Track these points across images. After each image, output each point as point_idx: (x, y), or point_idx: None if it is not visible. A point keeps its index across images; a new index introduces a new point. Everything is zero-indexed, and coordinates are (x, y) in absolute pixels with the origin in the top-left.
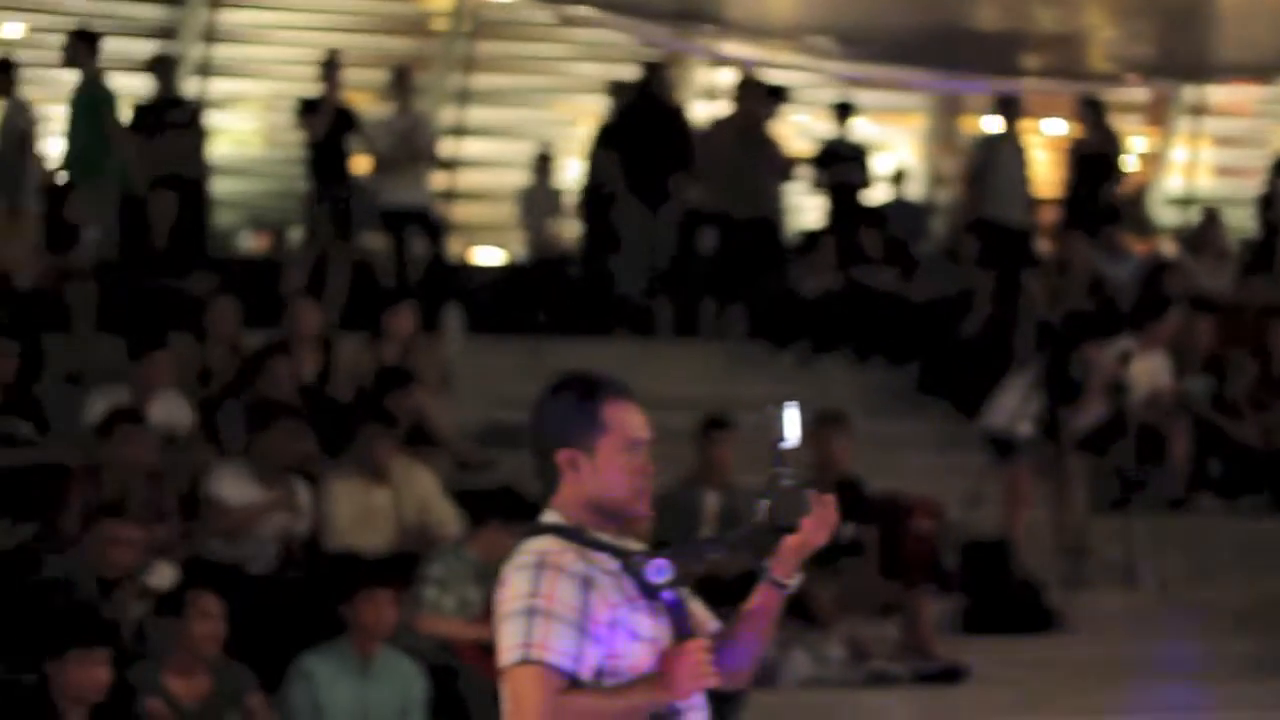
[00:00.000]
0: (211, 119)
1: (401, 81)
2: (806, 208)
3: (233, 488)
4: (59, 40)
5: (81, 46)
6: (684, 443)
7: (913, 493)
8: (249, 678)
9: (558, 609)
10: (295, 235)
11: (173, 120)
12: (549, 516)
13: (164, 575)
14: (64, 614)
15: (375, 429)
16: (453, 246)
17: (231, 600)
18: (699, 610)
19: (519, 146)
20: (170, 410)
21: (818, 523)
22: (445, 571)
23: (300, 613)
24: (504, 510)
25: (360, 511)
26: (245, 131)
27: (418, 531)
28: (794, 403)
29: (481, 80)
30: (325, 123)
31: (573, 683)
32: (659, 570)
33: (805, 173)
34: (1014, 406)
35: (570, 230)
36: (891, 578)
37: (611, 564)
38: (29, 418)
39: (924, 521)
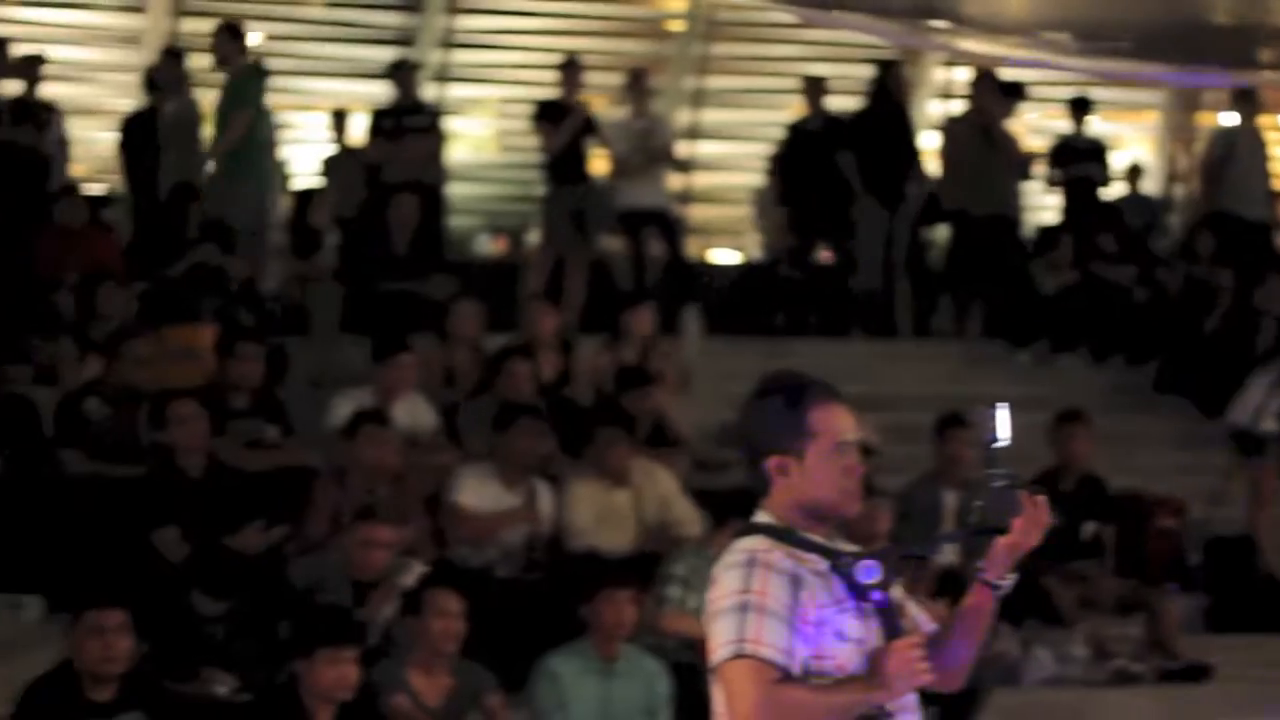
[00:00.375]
0: (449, 124)
1: (638, 84)
2: (1043, 205)
3: (475, 492)
4: (298, 49)
5: (230, 42)
6: (922, 442)
7: (1153, 491)
8: (488, 678)
9: (770, 604)
10: (533, 239)
11: (412, 126)
12: (760, 517)
13: (414, 573)
14: (314, 614)
15: (615, 431)
16: (690, 248)
17: (476, 602)
18: (914, 611)
19: (754, 148)
20: (414, 413)
21: (1029, 524)
22: (688, 570)
23: (542, 614)
24: (745, 510)
25: (601, 512)
26: (482, 136)
27: (658, 531)
28: (1004, 404)
29: (716, 82)
30: (569, 132)
31: (785, 676)
32: (868, 571)
33: (1042, 170)
34: (1258, 403)
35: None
36: (1133, 576)
37: (820, 564)
38: (274, 421)
39: (1167, 519)
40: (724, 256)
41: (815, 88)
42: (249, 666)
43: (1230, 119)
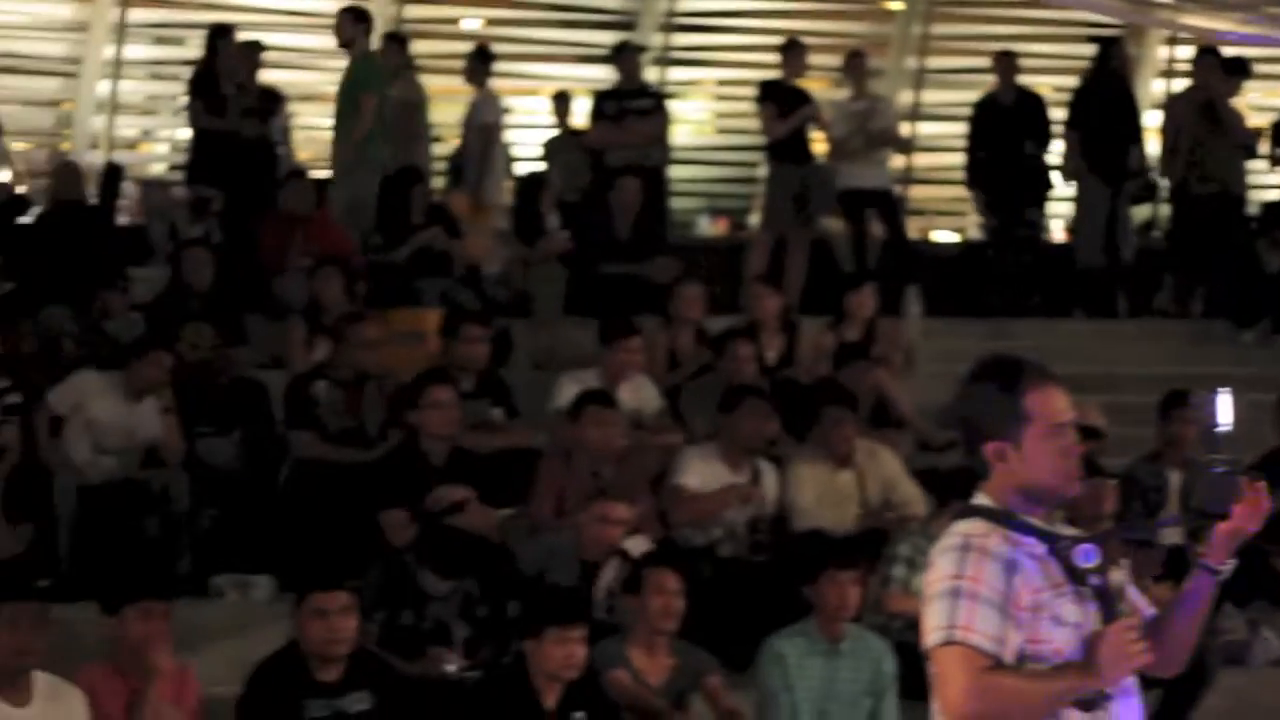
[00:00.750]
0: (670, 106)
1: (858, 65)
2: (1268, 183)
3: (699, 473)
4: (520, 33)
5: (353, 24)
6: (1144, 423)
7: None
8: (709, 660)
9: (982, 591)
10: (754, 220)
11: (636, 108)
12: (979, 499)
13: (639, 544)
14: (542, 593)
15: (840, 411)
16: (911, 228)
17: (699, 583)
18: (1134, 595)
19: None
20: (639, 394)
21: (1250, 509)
22: (912, 551)
23: (766, 594)
24: (967, 491)
25: (825, 493)
26: (702, 118)
27: (881, 512)
28: (1227, 388)
29: (936, 62)
30: (800, 120)
31: (996, 664)
32: (1086, 555)
33: (1266, 147)
34: None
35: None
36: None
37: (1039, 548)
38: (499, 403)
39: None
40: (945, 236)
41: (1007, 63)
42: (477, 646)
43: None
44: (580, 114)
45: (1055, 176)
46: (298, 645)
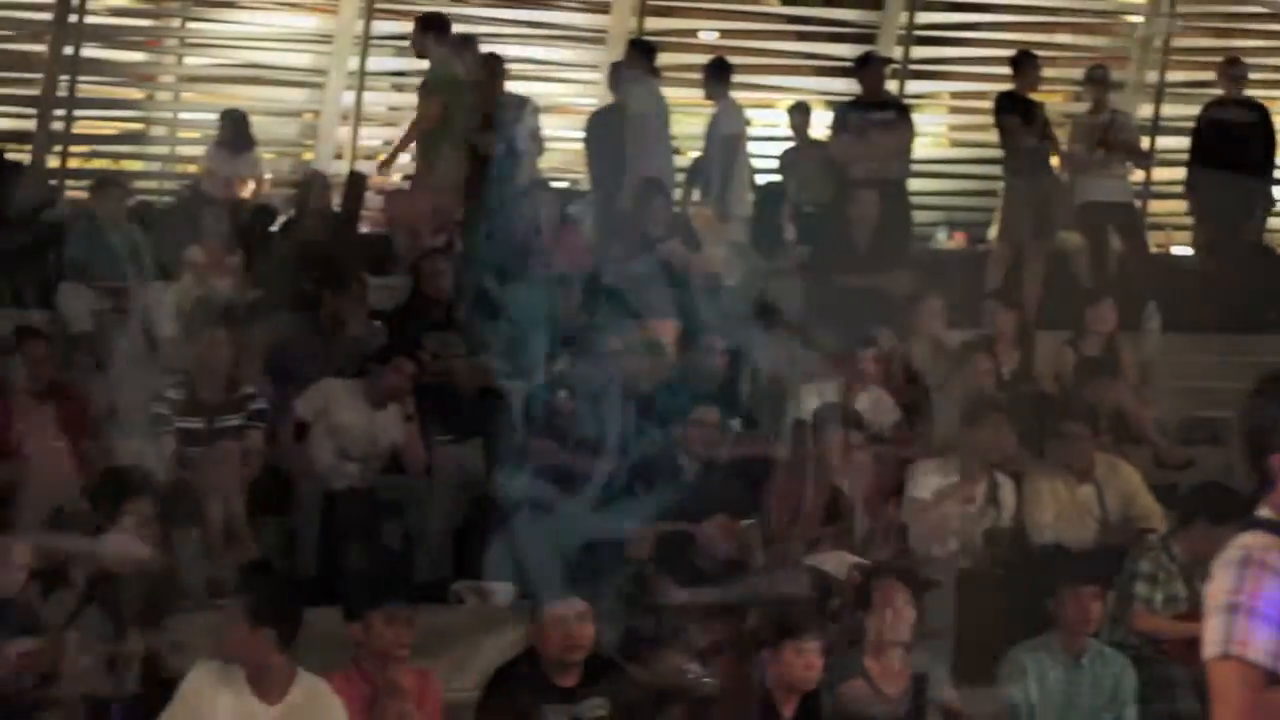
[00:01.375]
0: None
1: (1099, 78)
2: None
3: (936, 485)
4: (757, 44)
5: (422, 35)
6: None
7: None
8: (944, 671)
9: (1260, 606)
10: (992, 233)
11: (879, 121)
12: (1262, 511)
13: (840, 561)
14: (781, 605)
15: (1079, 426)
16: (1150, 242)
17: (936, 596)
18: None
19: None
20: (876, 406)
21: None
22: (1154, 568)
23: (1003, 607)
24: (1212, 506)
25: (1064, 507)
26: (939, 131)
27: (1121, 527)
28: None
29: (1177, 75)
30: (1035, 133)
31: (1273, 680)
32: None
33: None
34: None
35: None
36: None
37: None
38: (736, 413)
39: None
40: (1183, 250)
41: (1232, 71)
42: (714, 655)
43: None
44: (818, 126)
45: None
46: (536, 651)
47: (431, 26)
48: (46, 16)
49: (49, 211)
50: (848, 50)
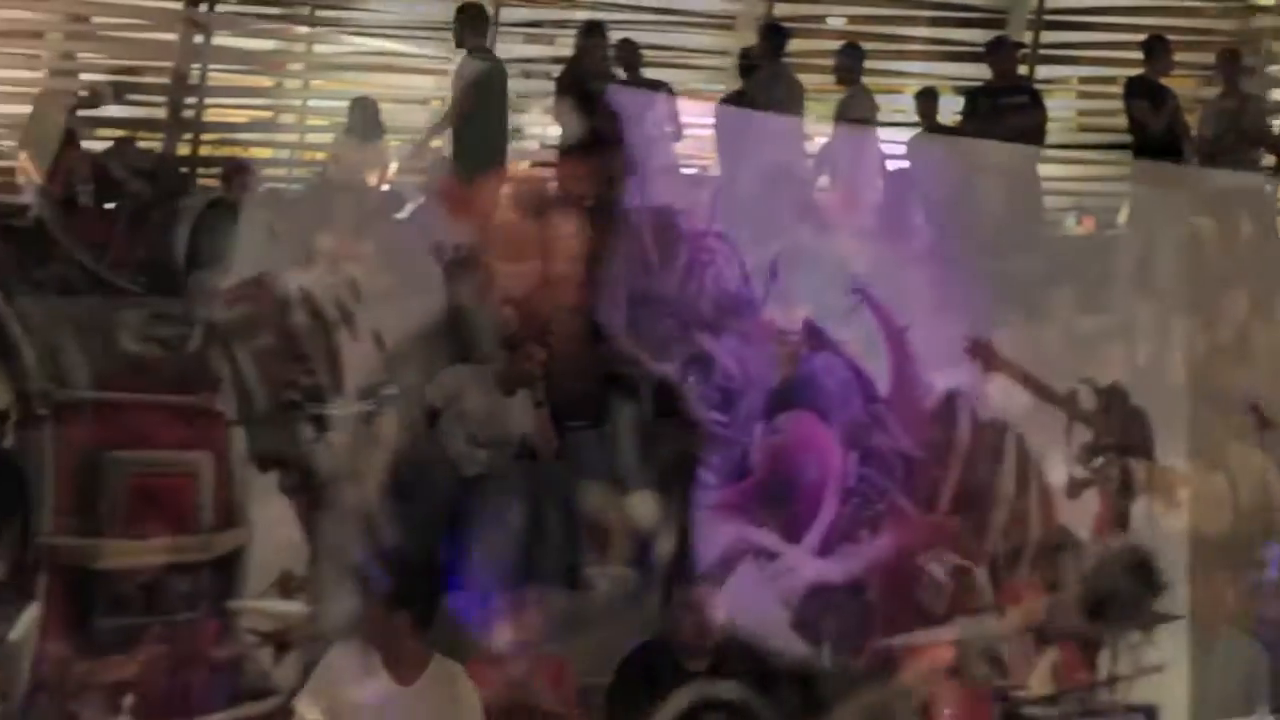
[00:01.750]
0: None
1: (1231, 63)
2: None
3: (1063, 472)
4: (886, 29)
5: (461, 25)
6: None
7: None
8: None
9: None
10: (1121, 219)
11: (1011, 104)
12: None
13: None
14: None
15: (1210, 415)
16: None
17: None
18: None
19: None
20: (1005, 393)
21: None
22: None
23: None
24: None
25: (1196, 495)
26: (1068, 115)
27: (1253, 515)
28: None
29: None
30: (1167, 117)
31: None
32: None
33: None
34: None
35: None
36: None
37: None
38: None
39: None
40: None
41: None
42: (842, 639)
43: None
44: (945, 111)
45: None
46: (667, 635)
47: (468, 16)
48: (177, 5)
49: (183, 200)
50: (977, 35)
